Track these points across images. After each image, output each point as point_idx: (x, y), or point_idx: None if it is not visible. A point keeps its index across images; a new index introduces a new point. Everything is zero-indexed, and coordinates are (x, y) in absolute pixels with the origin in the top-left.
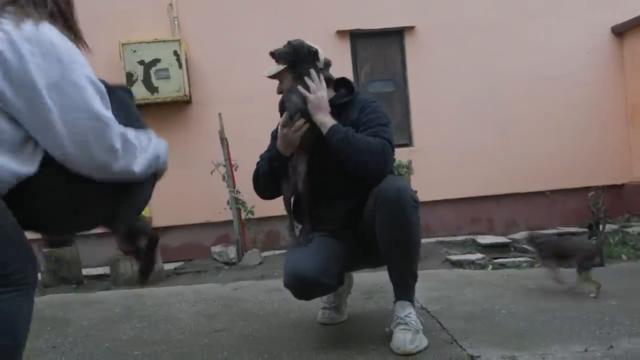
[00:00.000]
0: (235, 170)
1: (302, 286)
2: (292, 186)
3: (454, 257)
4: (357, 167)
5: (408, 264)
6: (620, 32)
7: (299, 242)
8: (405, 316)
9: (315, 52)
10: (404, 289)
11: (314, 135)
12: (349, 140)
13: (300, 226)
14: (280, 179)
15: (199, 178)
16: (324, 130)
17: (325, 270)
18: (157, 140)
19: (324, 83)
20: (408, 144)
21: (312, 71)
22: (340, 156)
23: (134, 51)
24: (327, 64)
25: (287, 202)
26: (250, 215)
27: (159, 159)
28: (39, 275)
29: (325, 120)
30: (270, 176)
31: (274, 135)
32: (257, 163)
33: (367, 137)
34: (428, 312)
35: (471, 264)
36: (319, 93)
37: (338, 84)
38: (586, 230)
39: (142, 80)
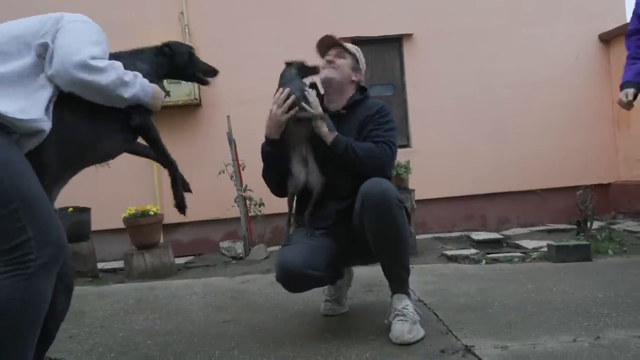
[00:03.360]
0: (243, 170)
1: (290, 279)
2: (300, 181)
3: (449, 253)
4: (360, 170)
5: (399, 260)
6: (607, 39)
7: (290, 238)
8: (403, 308)
9: None
10: (398, 283)
11: (309, 130)
12: (353, 149)
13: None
14: (275, 167)
15: (208, 177)
16: (327, 142)
17: (312, 264)
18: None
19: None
20: (406, 145)
21: (311, 91)
22: (345, 163)
23: None
24: None
25: (290, 199)
26: (258, 212)
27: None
28: None
29: (326, 132)
30: (268, 168)
31: None
32: None
33: (369, 144)
34: (425, 304)
35: (466, 258)
36: (319, 109)
37: None
38: (574, 226)
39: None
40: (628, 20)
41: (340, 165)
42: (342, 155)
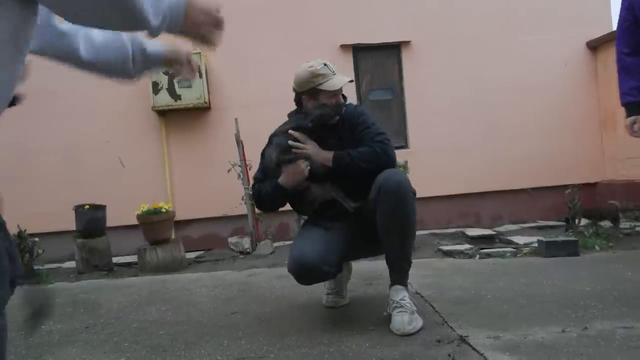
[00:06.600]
0: (250, 170)
1: (304, 272)
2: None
3: (445, 248)
4: (371, 172)
5: (404, 250)
6: (594, 46)
7: (305, 230)
8: (400, 299)
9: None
10: (399, 272)
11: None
12: (354, 160)
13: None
14: (279, 203)
15: (217, 176)
16: (330, 164)
17: (326, 259)
18: None
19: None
20: (404, 146)
21: (292, 133)
22: (354, 173)
23: None
24: None
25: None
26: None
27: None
28: (74, 263)
29: (325, 156)
30: (275, 200)
31: (265, 155)
32: (254, 185)
33: (367, 147)
34: (422, 296)
35: (460, 253)
36: (307, 145)
37: None
38: (563, 223)
39: (166, 89)
40: (614, 28)
41: (351, 175)
42: (348, 166)
